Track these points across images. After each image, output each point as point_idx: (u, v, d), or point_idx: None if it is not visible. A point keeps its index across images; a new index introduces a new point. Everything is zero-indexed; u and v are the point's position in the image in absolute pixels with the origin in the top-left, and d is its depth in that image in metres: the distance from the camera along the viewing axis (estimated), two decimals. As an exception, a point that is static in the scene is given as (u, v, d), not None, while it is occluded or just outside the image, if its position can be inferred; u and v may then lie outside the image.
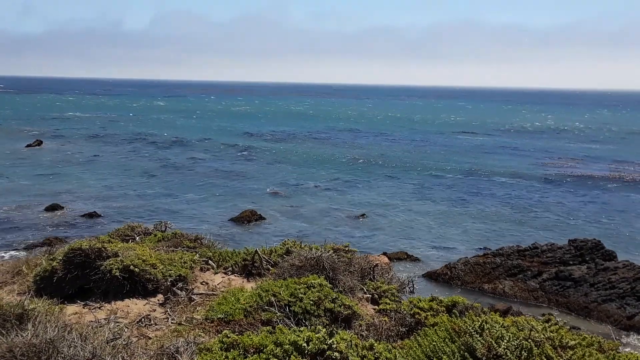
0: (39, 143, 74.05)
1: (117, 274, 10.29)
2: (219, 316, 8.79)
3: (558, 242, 30.10)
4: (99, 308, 9.85)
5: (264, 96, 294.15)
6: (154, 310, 9.89)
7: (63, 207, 39.31)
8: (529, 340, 5.61)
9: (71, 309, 9.62)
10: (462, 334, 5.91)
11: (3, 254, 27.90)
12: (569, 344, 5.75)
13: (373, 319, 9.17)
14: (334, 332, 6.57)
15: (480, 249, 32.45)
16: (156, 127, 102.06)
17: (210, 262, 12.72)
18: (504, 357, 5.41)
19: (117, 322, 8.92)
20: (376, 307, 10.58)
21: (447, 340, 5.97)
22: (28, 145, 72.11)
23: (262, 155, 69.66)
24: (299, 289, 8.95)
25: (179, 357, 7.10)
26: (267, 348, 6.19)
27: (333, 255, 11.14)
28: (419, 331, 7.23)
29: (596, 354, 5.82)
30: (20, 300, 7.73)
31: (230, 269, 12.51)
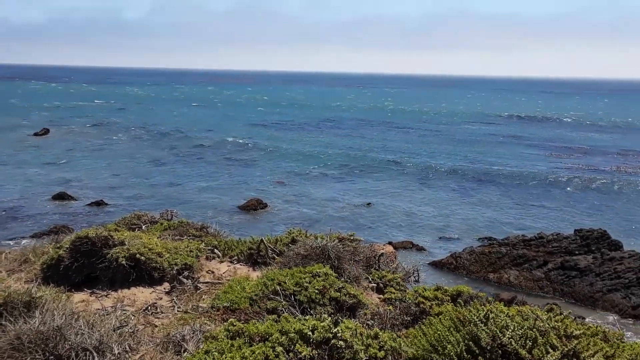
0: (46, 131, 74.24)
1: (124, 262, 10.33)
2: (224, 305, 8.83)
3: (564, 232, 30.06)
4: (106, 296, 9.91)
5: (262, 84, 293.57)
6: (160, 299, 9.94)
7: (70, 196, 39.48)
8: (534, 329, 5.61)
9: (78, 297, 9.68)
10: (467, 323, 5.92)
11: (10, 242, 28.06)
12: (574, 334, 5.75)
13: (378, 307, 9.19)
14: (339, 320, 6.58)
15: (486, 238, 32.42)
16: (161, 116, 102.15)
17: (216, 250, 12.76)
18: (508, 346, 5.42)
19: (124, 310, 8.98)
20: (381, 296, 10.60)
21: (451, 329, 5.99)
22: (35, 134, 72.32)
23: (267, 144, 69.61)
24: (304, 278, 8.97)
25: (185, 345, 7.15)
26: (273, 336, 6.21)
27: (338, 244, 11.14)
28: (424, 320, 7.24)
29: (601, 343, 5.83)
30: (27, 288, 7.78)
31: (235, 257, 12.54)
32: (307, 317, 6.78)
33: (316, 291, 8.62)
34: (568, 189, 46.57)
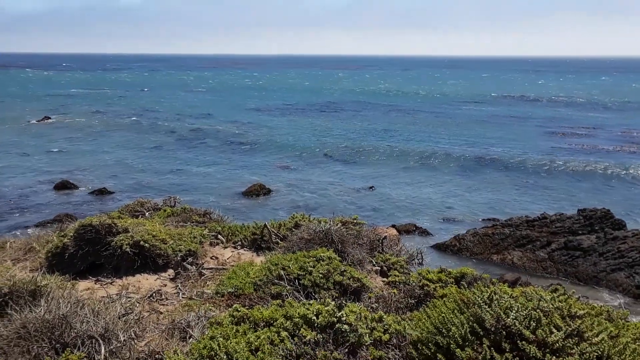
0: (47, 119, 74.28)
1: (128, 249, 10.37)
2: (229, 290, 8.86)
3: (567, 212, 30.03)
4: (111, 284, 9.96)
5: (263, 68, 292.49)
6: (165, 285, 9.99)
7: (73, 184, 39.54)
8: (538, 310, 5.62)
9: (83, 284, 9.73)
10: (471, 305, 5.92)
11: (15, 232, 28.16)
12: (578, 314, 5.76)
13: (382, 291, 9.22)
14: (343, 304, 6.61)
15: (489, 219, 32.43)
16: (161, 102, 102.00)
17: (219, 236, 12.79)
18: (512, 327, 5.43)
19: (129, 297, 9.02)
20: (385, 279, 10.63)
21: (455, 311, 6.00)
22: (37, 121, 72.40)
23: (267, 129, 69.50)
24: (308, 262, 8.99)
25: (190, 331, 7.18)
26: (277, 321, 6.24)
27: (342, 228, 11.16)
28: (428, 303, 7.26)
29: (605, 323, 5.83)
30: (32, 277, 7.82)
31: (239, 243, 12.58)
32: (311, 302, 6.80)
33: (320, 275, 8.64)
34: (571, 168, 46.45)
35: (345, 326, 6.08)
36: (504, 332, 5.45)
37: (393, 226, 26.56)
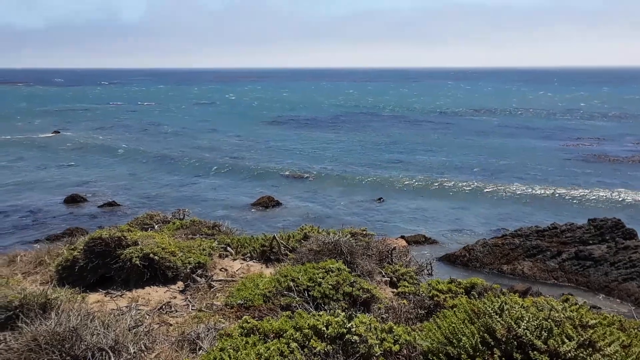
0: (56, 133, 74.82)
1: (137, 262, 10.39)
2: (238, 302, 8.86)
3: (577, 221, 29.84)
4: (120, 296, 9.97)
5: (269, 82, 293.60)
6: (175, 298, 9.99)
7: (82, 197, 39.73)
8: (549, 320, 5.59)
9: (93, 297, 9.75)
10: (482, 315, 5.89)
11: (25, 245, 28.28)
12: (589, 323, 5.71)
13: (392, 302, 9.18)
14: (353, 315, 6.59)
15: (499, 230, 32.28)
16: (169, 116, 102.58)
17: (228, 248, 12.80)
18: (523, 337, 5.40)
19: (139, 309, 9.02)
20: (395, 290, 10.59)
21: (466, 321, 5.97)
22: (47, 136, 72.98)
23: (277, 140, 69.72)
24: (318, 274, 8.98)
25: (200, 343, 7.18)
26: (287, 333, 6.22)
27: (351, 239, 11.14)
28: (438, 313, 7.23)
29: (617, 332, 5.79)
30: (43, 290, 7.85)
31: (248, 255, 12.58)
32: (321, 313, 6.78)
33: (330, 286, 8.63)
34: (581, 179, 46.21)
35: (355, 337, 6.06)
36: (515, 343, 5.41)
37: (402, 237, 26.50)
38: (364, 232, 12.56)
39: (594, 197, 39.63)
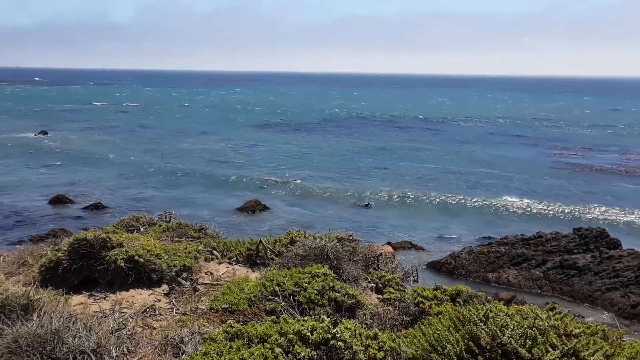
0: (43, 134, 74.25)
1: (122, 264, 10.30)
2: (223, 306, 8.81)
3: (563, 230, 30.05)
4: (104, 298, 9.88)
5: (257, 85, 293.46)
6: (159, 301, 9.92)
7: (68, 198, 39.42)
8: (534, 328, 5.60)
9: (76, 299, 9.65)
10: (466, 322, 5.90)
11: (8, 246, 27.99)
12: (574, 332, 5.74)
13: (377, 308, 9.18)
14: (338, 321, 6.57)
15: (485, 238, 32.43)
16: (158, 117, 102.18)
17: (214, 252, 12.73)
18: (508, 345, 5.41)
19: (122, 312, 8.95)
20: (380, 296, 10.59)
21: (451, 329, 5.97)
22: (34, 135, 72.44)
23: (265, 145, 69.65)
24: (303, 279, 8.95)
25: (184, 347, 7.12)
26: (271, 338, 6.19)
27: (337, 244, 11.12)
28: (423, 320, 7.22)
29: (600, 342, 5.81)
30: (25, 291, 7.76)
31: (234, 258, 12.52)
32: (306, 318, 6.76)
33: (315, 292, 8.60)
34: (568, 188, 46.57)
35: (340, 343, 6.04)
36: (500, 350, 5.42)
37: (389, 243, 26.52)
38: (351, 238, 12.55)
39: (579, 207, 39.90)
